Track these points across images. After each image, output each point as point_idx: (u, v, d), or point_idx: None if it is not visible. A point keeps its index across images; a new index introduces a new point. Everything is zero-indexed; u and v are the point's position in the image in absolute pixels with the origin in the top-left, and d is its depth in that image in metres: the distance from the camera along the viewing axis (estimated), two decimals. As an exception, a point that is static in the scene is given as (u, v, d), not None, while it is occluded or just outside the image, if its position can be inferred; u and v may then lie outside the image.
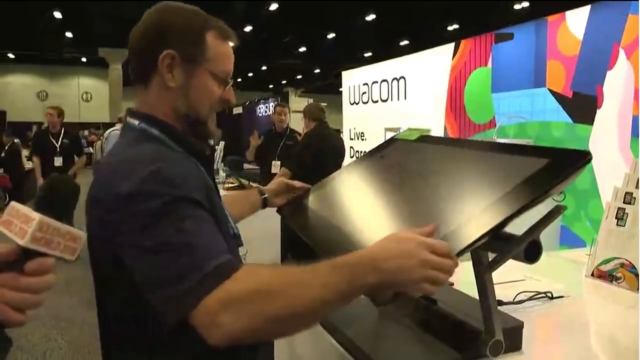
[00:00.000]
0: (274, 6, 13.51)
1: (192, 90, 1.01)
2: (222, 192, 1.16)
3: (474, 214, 0.89)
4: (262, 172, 5.35)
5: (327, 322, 1.20)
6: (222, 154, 6.16)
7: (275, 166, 4.98)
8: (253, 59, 18.65)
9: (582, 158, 0.88)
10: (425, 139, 1.36)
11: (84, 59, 24.43)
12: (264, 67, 22.82)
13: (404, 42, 16.78)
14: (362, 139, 6.41)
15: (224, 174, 5.58)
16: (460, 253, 0.83)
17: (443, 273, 0.81)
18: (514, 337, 1.03)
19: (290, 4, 12.98)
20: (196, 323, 0.80)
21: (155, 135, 1.00)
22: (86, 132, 21.07)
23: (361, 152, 6.29)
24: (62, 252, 0.67)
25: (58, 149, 5.97)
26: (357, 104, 6.62)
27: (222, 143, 6.14)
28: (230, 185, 4.87)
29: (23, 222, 0.64)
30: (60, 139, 6.04)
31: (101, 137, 9.89)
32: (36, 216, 0.64)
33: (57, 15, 15.06)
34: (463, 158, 1.17)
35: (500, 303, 1.32)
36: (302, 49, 19.39)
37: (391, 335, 1.15)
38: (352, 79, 6.79)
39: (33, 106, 24.74)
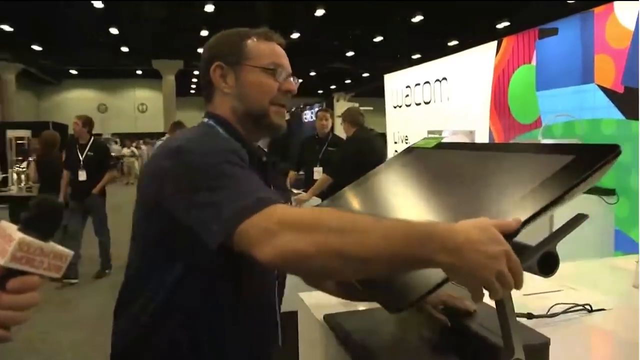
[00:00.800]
0: (320, 12, 13.58)
1: (244, 88, 1.15)
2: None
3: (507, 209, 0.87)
4: (305, 178, 5.34)
5: (343, 333, 1.17)
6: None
7: (317, 172, 4.95)
8: (301, 65, 18.83)
9: (609, 152, 0.84)
10: (444, 145, 1.34)
11: (139, 72, 25.43)
12: (313, 73, 22.96)
13: (453, 43, 16.44)
14: (406, 142, 6.30)
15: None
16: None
17: (503, 288, 0.79)
18: (538, 355, 0.96)
19: (336, 8, 13.01)
20: (248, 240, 0.85)
21: (220, 131, 1.15)
22: (141, 142, 21.99)
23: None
24: (47, 270, 0.68)
25: (82, 162, 5.50)
26: (400, 107, 6.52)
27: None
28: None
29: (6, 242, 0.65)
30: (86, 151, 5.55)
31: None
32: (17, 236, 0.65)
33: (114, 31, 15.78)
34: (489, 161, 1.13)
35: (531, 316, 1.25)
36: (350, 54, 19.38)
37: (407, 350, 1.10)
38: (394, 81, 6.70)
39: (94, 119, 25.99)
